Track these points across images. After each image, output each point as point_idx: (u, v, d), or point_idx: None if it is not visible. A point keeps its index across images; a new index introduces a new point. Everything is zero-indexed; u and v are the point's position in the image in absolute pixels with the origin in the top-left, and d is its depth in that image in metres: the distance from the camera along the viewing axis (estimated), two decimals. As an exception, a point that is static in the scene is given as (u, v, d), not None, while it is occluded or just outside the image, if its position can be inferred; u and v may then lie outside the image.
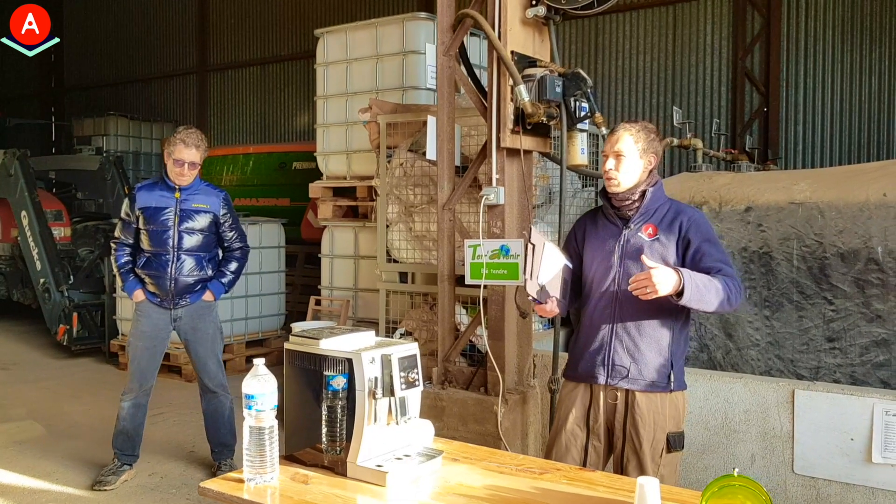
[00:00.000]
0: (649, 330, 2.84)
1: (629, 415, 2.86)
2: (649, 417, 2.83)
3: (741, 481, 1.87)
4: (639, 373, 2.84)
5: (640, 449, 2.83)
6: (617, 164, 2.83)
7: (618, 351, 2.86)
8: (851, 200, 4.30)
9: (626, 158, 2.82)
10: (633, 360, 2.84)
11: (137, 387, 4.54)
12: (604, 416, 2.92)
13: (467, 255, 4.07)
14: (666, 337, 2.85)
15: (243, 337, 7.72)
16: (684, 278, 2.59)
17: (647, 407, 2.84)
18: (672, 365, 2.85)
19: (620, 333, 2.87)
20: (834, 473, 3.65)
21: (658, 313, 2.83)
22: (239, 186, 10.84)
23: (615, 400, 2.89)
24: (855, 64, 9.33)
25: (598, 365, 2.90)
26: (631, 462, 2.85)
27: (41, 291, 8.33)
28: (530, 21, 4.02)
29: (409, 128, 5.28)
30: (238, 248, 4.67)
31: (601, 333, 2.90)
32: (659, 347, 2.84)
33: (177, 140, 4.37)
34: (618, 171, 2.83)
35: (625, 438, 2.88)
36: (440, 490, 2.23)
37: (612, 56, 10.83)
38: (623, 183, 2.85)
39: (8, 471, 4.77)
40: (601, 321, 2.91)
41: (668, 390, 2.85)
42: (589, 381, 2.94)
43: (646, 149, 2.84)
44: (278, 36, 14.46)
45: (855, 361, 4.26)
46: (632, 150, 2.83)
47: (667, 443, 2.84)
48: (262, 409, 2.17)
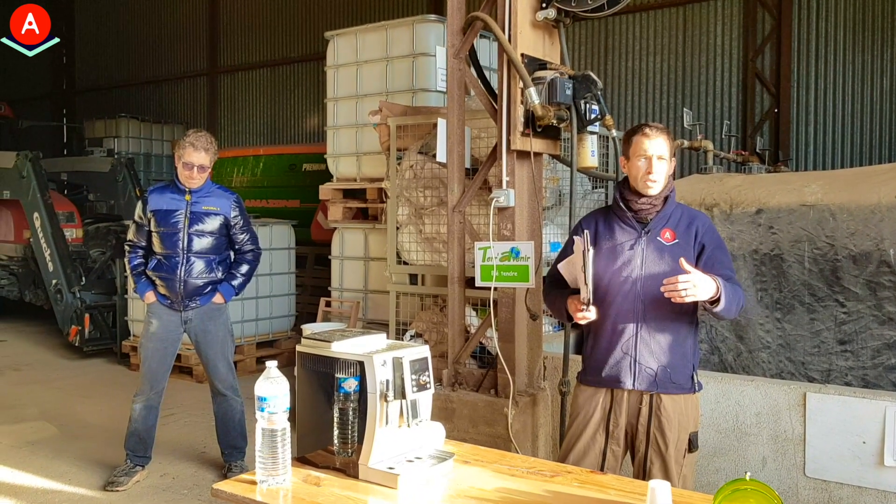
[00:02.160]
0: (672, 333, 2.85)
1: (654, 417, 2.86)
2: (675, 419, 2.84)
3: (753, 485, 1.87)
4: (666, 376, 2.84)
5: (666, 451, 2.83)
6: (657, 167, 2.83)
7: (643, 354, 2.85)
8: (863, 202, 4.28)
9: (665, 161, 2.85)
10: (659, 363, 2.84)
11: (149, 388, 4.56)
12: (625, 420, 2.92)
13: (477, 257, 4.07)
14: (688, 339, 2.88)
15: (254, 338, 7.75)
16: (721, 286, 2.65)
17: (673, 409, 2.84)
18: (693, 366, 2.88)
19: (645, 337, 2.85)
20: (846, 477, 3.63)
21: (679, 316, 2.84)
22: (249, 188, 10.87)
23: (638, 404, 2.88)
24: (866, 65, 9.29)
25: (625, 370, 2.87)
26: (655, 464, 2.85)
27: (53, 292, 8.39)
28: (540, 24, 4.03)
29: (420, 130, 5.29)
30: (249, 251, 4.69)
31: (625, 338, 2.87)
32: (682, 350, 2.86)
33: (186, 143, 4.39)
34: (657, 174, 2.83)
35: (648, 441, 2.87)
36: (452, 492, 2.23)
37: (623, 58, 10.81)
38: (659, 185, 2.86)
39: (21, 471, 4.80)
40: (624, 326, 2.88)
41: (692, 391, 2.88)
42: (613, 385, 2.91)
43: (673, 153, 2.92)
44: (288, 38, 14.51)
45: (867, 364, 4.25)
46: (666, 154, 2.86)
47: (689, 443, 2.86)
48: (275, 411, 2.18)
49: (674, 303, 2.67)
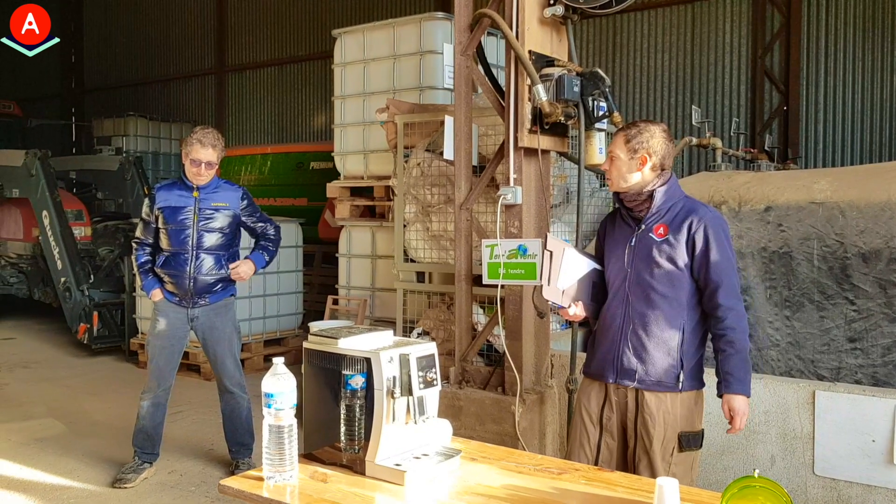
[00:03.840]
0: (657, 331, 2.85)
1: (639, 414, 2.87)
2: (659, 416, 2.84)
3: (762, 482, 1.85)
4: (646, 373, 2.85)
5: (651, 448, 2.83)
6: (609, 165, 2.93)
7: (626, 352, 2.88)
8: (873, 200, 4.25)
9: (615, 161, 2.89)
10: (640, 361, 2.86)
11: (156, 385, 4.57)
12: (617, 415, 2.94)
13: (484, 254, 4.06)
14: (675, 338, 2.84)
15: (261, 336, 7.76)
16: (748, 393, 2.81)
17: (657, 406, 2.84)
18: (682, 365, 2.84)
19: (629, 334, 2.88)
20: (855, 475, 3.61)
21: (666, 315, 2.84)
22: (257, 186, 10.89)
23: (625, 398, 2.91)
24: (876, 62, 9.23)
25: (609, 364, 2.92)
26: (642, 461, 2.86)
27: (62, 290, 8.42)
28: (548, 20, 4.01)
29: (427, 128, 5.29)
30: (272, 231, 4.74)
31: (611, 334, 2.93)
32: (667, 348, 2.84)
33: (193, 140, 4.40)
34: (609, 171, 2.93)
35: (636, 437, 2.89)
36: (459, 489, 2.23)
37: (631, 55, 10.78)
38: (616, 183, 2.91)
39: (30, 468, 4.82)
40: (613, 321, 2.93)
41: (677, 390, 2.85)
42: (601, 379, 2.97)
43: (637, 149, 2.84)
44: (296, 37, 14.53)
45: (877, 362, 4.22)
46: (621, 152, 2.87)
47: (679, 442, 2.84)
48: (282, 407, 2.18)
49: (661, 300, 2.81)
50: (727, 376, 2.81)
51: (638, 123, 2.90)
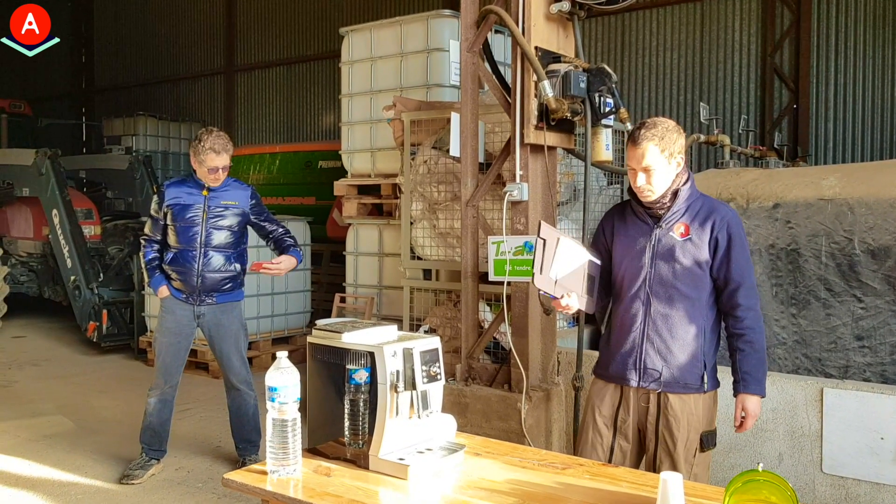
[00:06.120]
0: (680, 331, 2.79)
1: (662, 417, 2.82)
2: (683, 419, 2.79)
3: (766, 476, 1.85)
4: (671, 375, 2.79)
5: (675, 451, 2.79)
6: (648, 178, 2.73)
7: (649, 353, 2.81)
8: (882, 196, 4.22)
9: (656, 171, 2.72)
10: (664, 362, 2.80)
11: (163, 382, 4.59)
12: (634, 418, 2.89)
13: (491, 251, 4.06)
14: (697, 337, 2.80)
15: (269, 334, 7.78)
16: (763, 393, 2.81)
17: (681, 409, 2.79)
18: (705, 365, 2.80)
19: (651, 335, 2.82)
20: (863, 473, 3.59)
21: (689, 316, 2.79)
22: (265, 185, 10.91)
23: (647, 402, 2.85)
24: (886, 59, 9.18)
25: (630, 367, 2.85)
26: (665, 464, 2.81)
27: (71, 289, 8.46)
28: (554, 17, 4.00)
29: (433, 125, 5.28)
30: (286, 232, 4.77)
31: (632, 335, 2.85)
32: (690, 348, 2.79)
33: (206, 149, 4.36)
34: (650, 184, 2.74)
35: (657, 440, 2.83)
36: (462, 483, 2.23)
37: (640, 53, 10.75)
38: (658, 192, 2.77)
39: (38, 464, 4.85)
40: (632, 322, 2.86)
41: (702, 391, 2.81)
42: (620, 382, 2.90)
43: (672, 153, 2.72)
44: (304, 36, 14.57)
45: (885, 360, 4.19)
46: (659, 161, 2.71)
47: (700, 442, 2.81)
48: (285, 401, 2.18)
49: (683, 300, 2.74)
50: (745, 376, 2.77)
51: (655, 125, 2.73)
